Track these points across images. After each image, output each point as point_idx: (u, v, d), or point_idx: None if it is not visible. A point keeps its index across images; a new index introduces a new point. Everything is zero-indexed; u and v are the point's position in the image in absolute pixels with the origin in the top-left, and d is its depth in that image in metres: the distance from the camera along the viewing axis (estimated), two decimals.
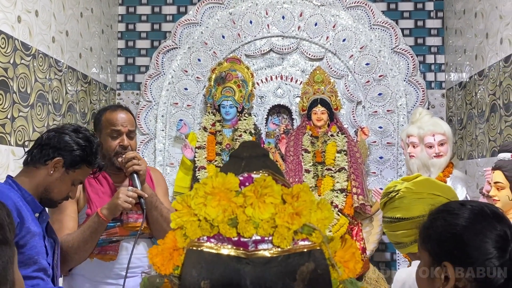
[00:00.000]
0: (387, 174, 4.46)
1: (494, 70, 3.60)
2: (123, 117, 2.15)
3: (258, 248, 0.89)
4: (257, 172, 0.94)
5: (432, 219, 1.19)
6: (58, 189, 1.79)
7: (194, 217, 0.90)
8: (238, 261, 0.88)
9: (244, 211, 0.90)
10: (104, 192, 2.13)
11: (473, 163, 4.01)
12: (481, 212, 1.13)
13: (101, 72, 4.50)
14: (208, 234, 0.90)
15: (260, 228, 0.89)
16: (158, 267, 0.89)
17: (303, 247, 0.89)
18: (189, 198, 0.91)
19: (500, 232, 1.09)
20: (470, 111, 4.11)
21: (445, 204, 1.23)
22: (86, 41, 4.14)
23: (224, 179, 0.91)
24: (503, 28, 3.44)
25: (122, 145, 2.11)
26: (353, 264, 0.94)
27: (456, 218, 1.13)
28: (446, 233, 1.13)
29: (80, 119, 3.96)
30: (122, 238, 2.08)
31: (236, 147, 4.02)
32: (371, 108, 4.50)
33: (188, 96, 4.57)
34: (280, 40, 4.58)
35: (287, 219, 0.89)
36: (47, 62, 3.39)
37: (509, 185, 2.45)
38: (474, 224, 1.11)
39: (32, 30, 3.19)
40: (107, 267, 2.06)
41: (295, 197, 0.90)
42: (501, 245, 1.08)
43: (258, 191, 0.90)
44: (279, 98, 4.59)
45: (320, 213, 0.90)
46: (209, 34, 4.57)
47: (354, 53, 4.49)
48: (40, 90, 3.28)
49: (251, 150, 0.97)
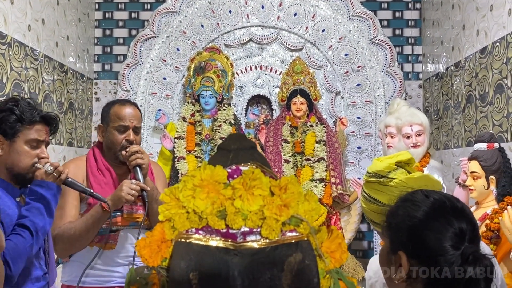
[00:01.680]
0: (365, 164, 4.51)
1: (470, 62, 3.66)
2: (131, 112, 2.19)
3: (247, 240, 0.89)
4: (245, 164, 0.94)
5: (396, 207, 1.19)
6: (18, 161, 1.79)
7: (183, 209, 0.91)
8: (226, 252, 0.89)
9: (233, 203, 0.90)
10: (106, 183, 2.16)
11: (449, 153, 4.08)
12: (441, 207, 1.13)
13: (78, 61, 4.43)
14: (196, 226, 0.90)
15: (249, 220, 0.90)
16: (146, 259, 0.89)
17: (291, 238, 0.90)
18: (177, 190, 0.91)
19: (455, 230, 1.08)
20: (446, 102, 4.18)
21: (412, 192, 1.21)
22: (62, 29, 4.07)
23: (212, 171, 0.91)
24: (480, 20, 3.50)
25: (128, 140, 2.15)
26: (339, 254, 0.95)
27: (416, 210, 1.13)
28: (403, 224, 1.13)
29: (56, 108, 3.90)
30: (122, 228, 2.12)
31: (216, 137, 4.11)
32: (349, 99, 4.54)
33: (166, 86, 4.54)
34: (260, 30, 4.57)
35: (275, 211, 0.89)
36: (23, 50, 3.33)
37: (484, 174, 2.50)
38: (431, 219, 1.11)
39: (8, 18, 3.12)
40: (107, 255, 2.10)
41: (283, 189, 0.91)
42: (455, 242, 1.08)
43: (247, 183, 0.91)
44: (258, 89, 4.60)
45: (307, 204, 0.91)
46: (188, 23, 4.54)
47: (333, 44, 4.52)
48: (16, 79, 3.21)
49: (238, 143, 0.98)
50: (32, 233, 1.71)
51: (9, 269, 1.64)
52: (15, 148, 1.78)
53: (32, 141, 1.81)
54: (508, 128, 3.03)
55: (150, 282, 0.90)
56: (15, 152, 1.78)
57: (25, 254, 1.69)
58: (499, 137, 3.08)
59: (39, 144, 1.84)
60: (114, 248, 2.11)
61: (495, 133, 3.08)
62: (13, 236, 1.69)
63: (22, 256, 1.68)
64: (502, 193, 2.41)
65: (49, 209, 1.78)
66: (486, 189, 2.49)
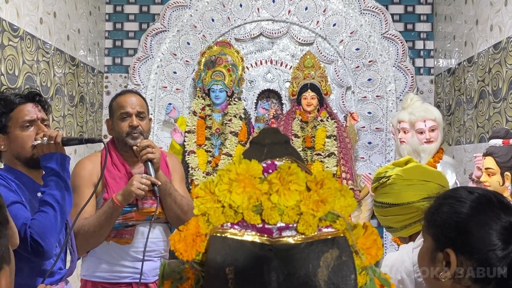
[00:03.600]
0: (376, 159, 4.50)
1: (483, 57, 3.64)
2: (132, 99, 2.20)
3: (282, 235, 0.89)
4: (280, 159, 0.94)
5: (438, 204, 1.18)
6: (20, 148, 1.79)
7: (218, 203, 0.90)
8: (261, 247, 0.88)
9: (269, 198, 0.90)
10: (120, 177, 2.17)
11: (460, 149, 4.07)
12: (488, 202, 1.11)
13: (88, 54, 4.43)
14: (232, 221, 0.89)
15: (285, 215, 0.89)
16: (181, 253, 0.89)
17: (327, 234, 0.89)
18: (212, 184, 0.91)
19: (505, 223, 1.07)
20: (458, 97, 4.16)
21: (454, 189, 1.21)
22: (73, 22, 4.06)
23: (248, 165, 0.91)
24: (494, 15, 3.47)
25: (132, 125, 2.16)
26: (375, 251, 0.95)
27: (462, 206, 1.12)
28: (450, 220, 1.12)
29: (68, 102, 3.90)
30: (138, 222, 2.13)
31: (226, 131, 4.11)
32: (360, 94, 4.52)
33: (177, 79, 4.53)
34: (270, 24, 4.55)
35: (312, 207, 0.89)
36: (35, 43, 3.32)
37: (499, 171, 2.48)
38: (479, 214, 1.10)
39: (20, 11, 3.12)
40: (123, 250, 2.13)
41: (319, 184, 0.90)
42: (505, 236, 1.06)
43: (284, 178, 0.90)
44: (268, 83, 4.59)
45: (343, 200, 0.91)
46: (198, 17, 4.53)
47: (344, 38, 4.50)
48: (28, 72, 3.22)
49: (272, 137, 0.97)
50: (53, 205, 1.71)
51: (41, 246, 1.65)
52: (12, 138, 1.79)
53: (23, 123, 1.79)
54: None
55: (184, 276, 0.90)
56: (14, 141, 1.79)
57: (53, 228, 1.69)
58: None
59: (32, 124, 1.82)
60: (131, 243, 2.12)
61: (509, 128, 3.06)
62: (36, 215, 1.69)
63: (50, 230, 1.68)
64: None
65: (61, 178, 1.76)
66: (501, 185, 2.47)
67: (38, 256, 1.70)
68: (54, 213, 1.71)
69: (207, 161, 4.14)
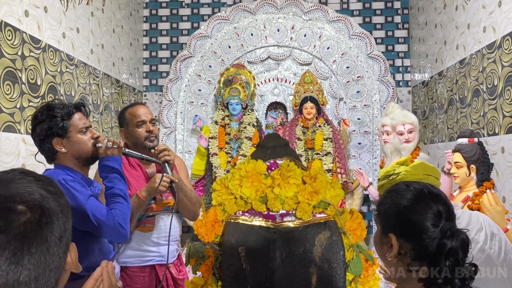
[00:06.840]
0: (365, 157, 4.47)
1: (451, 71, 3.60)
2: (143, 109, 2.18)
3: (284, 220, 0.89)
4: (281, 158, 0.94)
5: (383, 197, 1.18)
6: (82, 149, 1.73)
7: (231, 196, 0.91)
8: (267, 230, 0.88)
9: (272, 190, 0.90)
10: (139, 176, 2.15)
11: (434, 147, 4.02)
12: (421, 194, 1.11)
13: (130, 77, 4.47)
14: (243, 209, 0.90)
15: (286, 204, 0.89)
16: (203, 236, 0.89)
17: (320, 218, 0.89)
18: (226, 180, 0.91)
19: (434, 211, 1.07)
20: (431, 105, 4.12)
21: (394, 185, 1.20)
22: (118, 52, 4.10)
23: (255, 164, 0.91)
24: (459, 37, 3.44)
25: (149, 130, 2.13)
26: (360, 232, 0.94)
27: (401, 198, 1.12)
28: (391, 210, 1.12)
29: (114, 116, 3.94)
30: (157, 213, 2.12)
31: (242, 136, 4.10)
32: (351, 103, 4.50)
33: (201, 96, 4.55)
34: (276, 48, 4.55)
35: (307, 196, 0.89)
36: (87, 70, 3.37)
37: (466, 164, 2.45)
38: (414, 204, 1.09)
39: (75, 44, 3.16)
40: (147, 236, 2.09)
41: (313, 178, 0.90)
42: (434, 221, 1.06)
43: (284, 174, 0.90)
44: (275, 96, 4.58)
45: (333, 191, 0.91)
46: (218, 45, 4.54)
47: (337, 59, 4.48)
48: (82, 93, 3.26)
49: (275, 141, 0.97)
50: (124, 196, 1.69)
51: (124, 230, 1.64)
52: (73, 141, 1.72)
53: (82, 129, 1.75)
54: (484, 125, 2.98)
55: (206, 255, 0.90)
56: (75, 144, 1.72)
57: (128, 215, 1.67)
58: (477, 133, 3.02)
59: (87, 129, 1.78)
60: (152, 230, 2.09)
61: (473, 129, 3.03)
62: (112, 205, 1.67)
63: (128, 218, 1.67)
64: (481, 179, 2.38)
65: (122, 176, 1.74)
66: (468, 176, 2.44)
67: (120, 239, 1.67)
68: (126, 203, 1.69)
69: (227, 161, 4.15)
